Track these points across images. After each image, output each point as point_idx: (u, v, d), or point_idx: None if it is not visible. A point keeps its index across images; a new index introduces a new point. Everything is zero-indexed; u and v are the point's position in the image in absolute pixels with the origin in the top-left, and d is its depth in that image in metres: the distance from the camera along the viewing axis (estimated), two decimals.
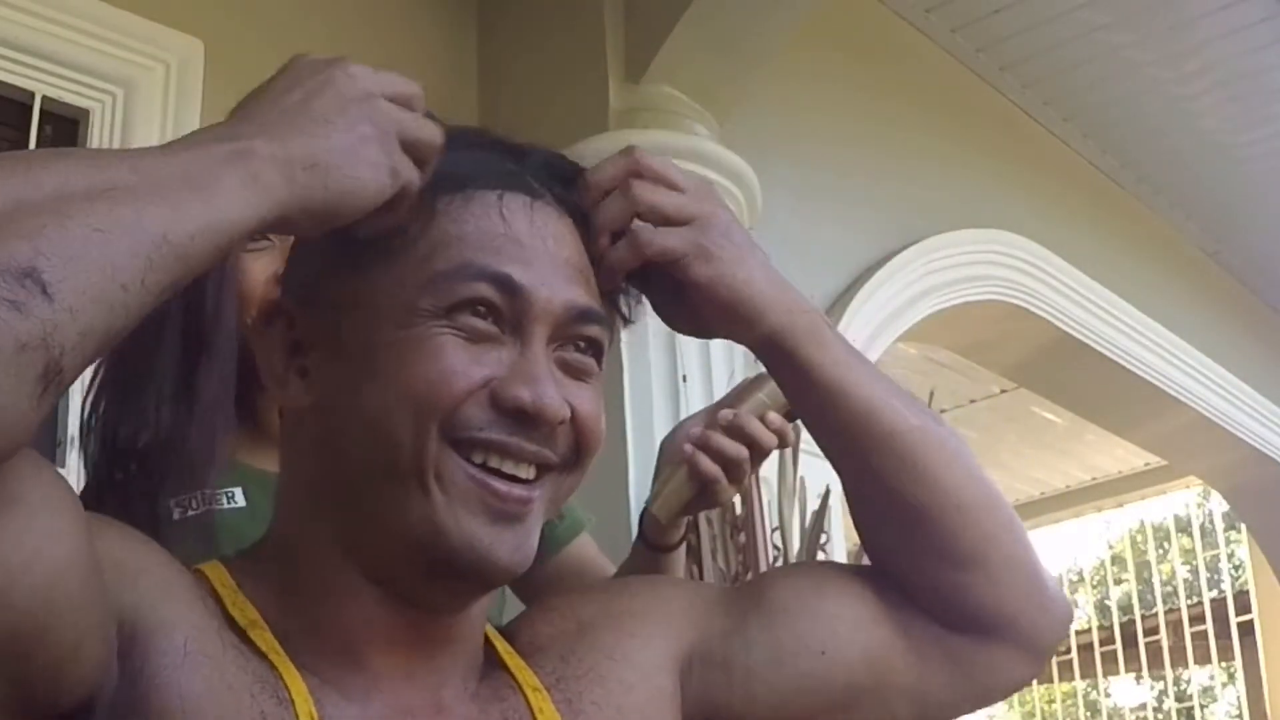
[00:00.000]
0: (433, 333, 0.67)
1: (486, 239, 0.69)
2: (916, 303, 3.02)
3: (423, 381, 0.66)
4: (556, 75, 2.49)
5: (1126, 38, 3.38)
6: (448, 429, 0.66)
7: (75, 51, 1.97)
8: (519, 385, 0.67)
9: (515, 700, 0.72)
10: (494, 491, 0.67)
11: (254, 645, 0.66)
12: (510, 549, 0.68)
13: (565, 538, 1.38)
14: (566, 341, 0.71)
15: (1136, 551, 8.65)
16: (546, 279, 0.69)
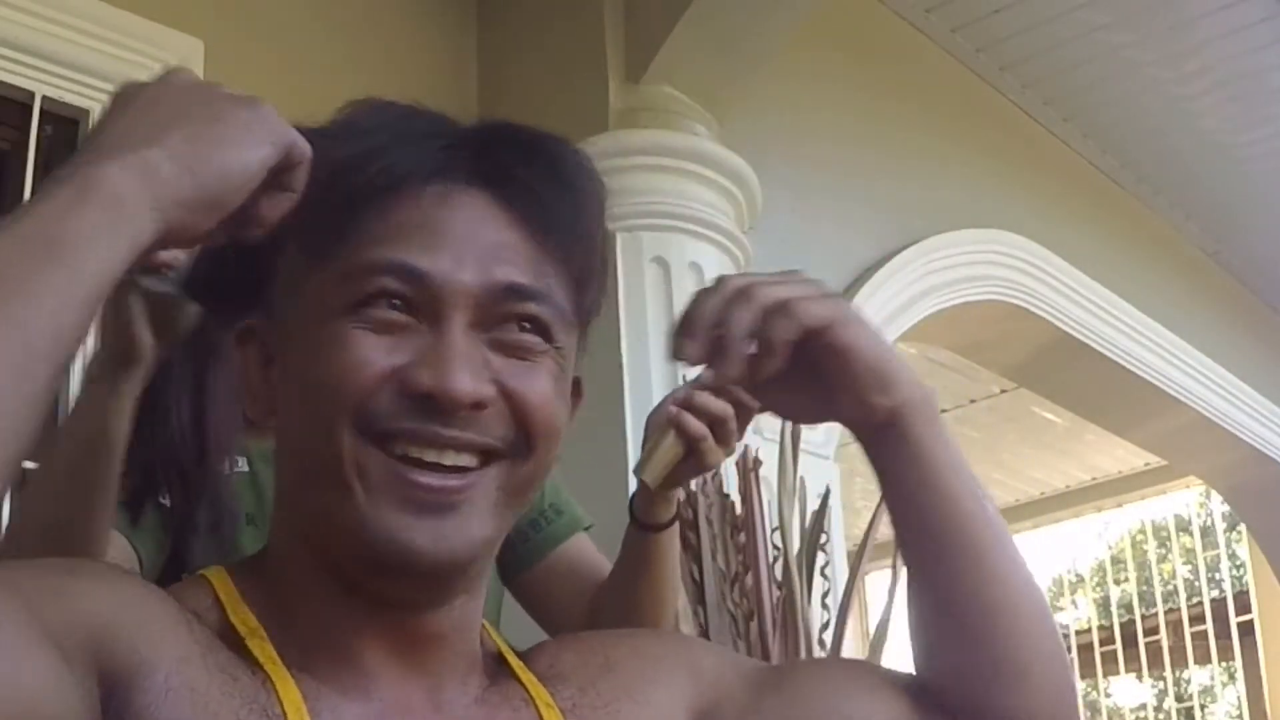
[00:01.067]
0: (343, 327, 0.66)
1: (399, 231, 0.67)
2: (916, 303, 3.02)
3: (331, 376, 0.66)
4: (556, 75, 2.49)
5: (1126, 38, 3.38)
6: (361, 423, 0.65)
7: (75, 51, 1.97)
8: (422, 370, 0.65)
9: (528, 712, 0.71)
10: (411, 482, 0.65)
11: (251, 656, 0.65)
12: (432, 539, 0.65)
13: (560, 536, 1.38)
14: (502, 322, 0.68)
15: (1137, 551, 8.65)
16: (461, 263, 0.67)
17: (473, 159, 0.70)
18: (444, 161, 0.69)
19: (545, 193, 0.70)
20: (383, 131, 0.70)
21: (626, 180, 2.30)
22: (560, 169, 0.72)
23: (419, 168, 0.68)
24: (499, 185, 0.70)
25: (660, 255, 2.29)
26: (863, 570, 2.10)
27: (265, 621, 0.68)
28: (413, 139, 0.69)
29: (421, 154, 0.69)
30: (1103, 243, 3.83)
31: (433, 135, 0.70)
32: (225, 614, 0.68)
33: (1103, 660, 7.55)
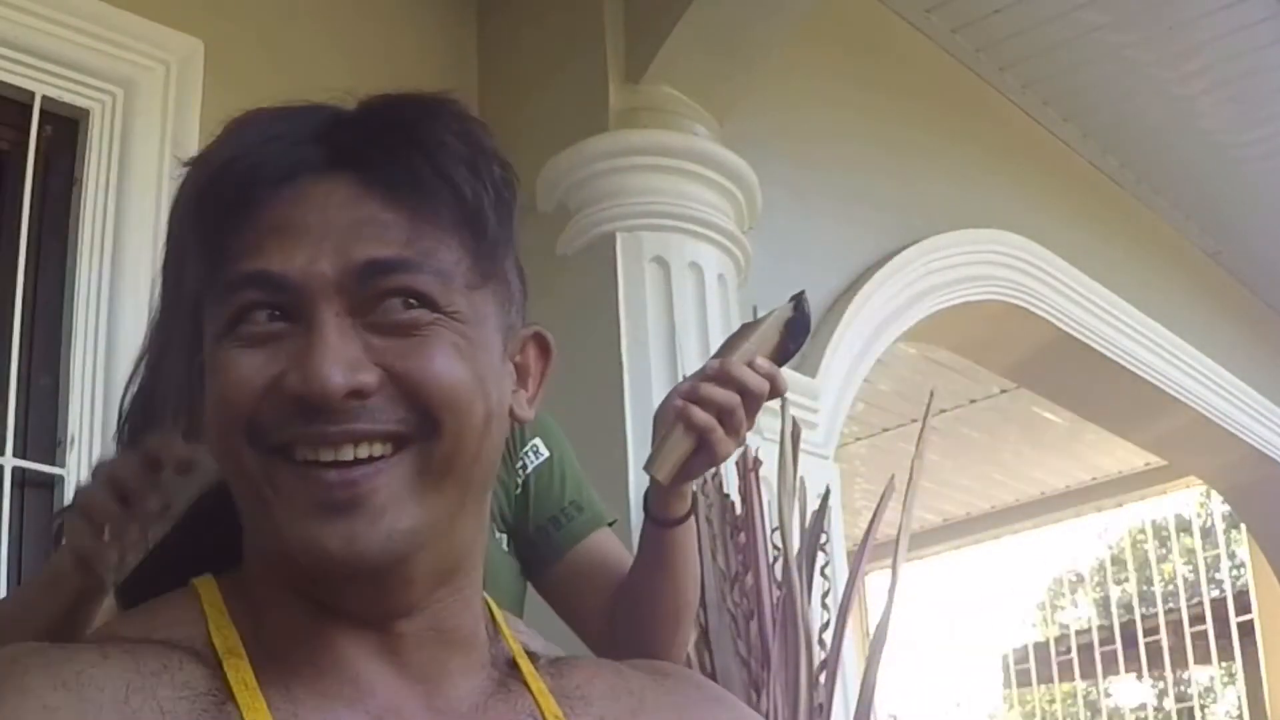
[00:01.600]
0: (223, 350, 0.66)
1: (257, 241, 0.66)
2: (916, 303, 3.02)
3: (220, 400, 0.65)
4: (556, 75, 2.49)
5: (1126, 38, 3.38)
6: (255, 439, 0.65)
7: (75, 51, 1.97)
8: (293, 374, 0.64)
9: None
10: (316, 482, 0.64)
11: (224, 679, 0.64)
12: (343, 540, 0.63)
13: (581, 533, 1.37)
14: (378, 302, 0.65)
15: (1137, 551, 8.65)
16: (319, 253, 0.65)
17: (325, 147, 0.67)
18: (295, 158, 0.67)
19: (402, 158, 0.67)
20: (237, 144, 0.68)
21: (626, 180, 2.31)
22: (417, 130, 0.68)
23: (270, 171, 0.66)
24: (354, 167, 0.67)
25: (660, 255, 2.29)
26: (863, 570, 2.10)
27: (248, 632, 0.67)
28: (263, 143, 0.67)
29: (271, 156, 0.67)
30: (1103, 243, 3.83)
31: (284, 135, 0.68)
32: (207, 628, 0.67)
33: (1103, 660, 7.55)
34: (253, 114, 0.70)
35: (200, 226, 0.68)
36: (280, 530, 0.65)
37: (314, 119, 0.69)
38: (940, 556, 7.01)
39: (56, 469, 1.82)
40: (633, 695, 0.75)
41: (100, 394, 1.86)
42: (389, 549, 0.65)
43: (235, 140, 0.68)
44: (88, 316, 1.89)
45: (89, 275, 1.91)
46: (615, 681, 0.76)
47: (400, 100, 0.70)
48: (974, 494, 6.35)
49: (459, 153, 0.68)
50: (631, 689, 0.75)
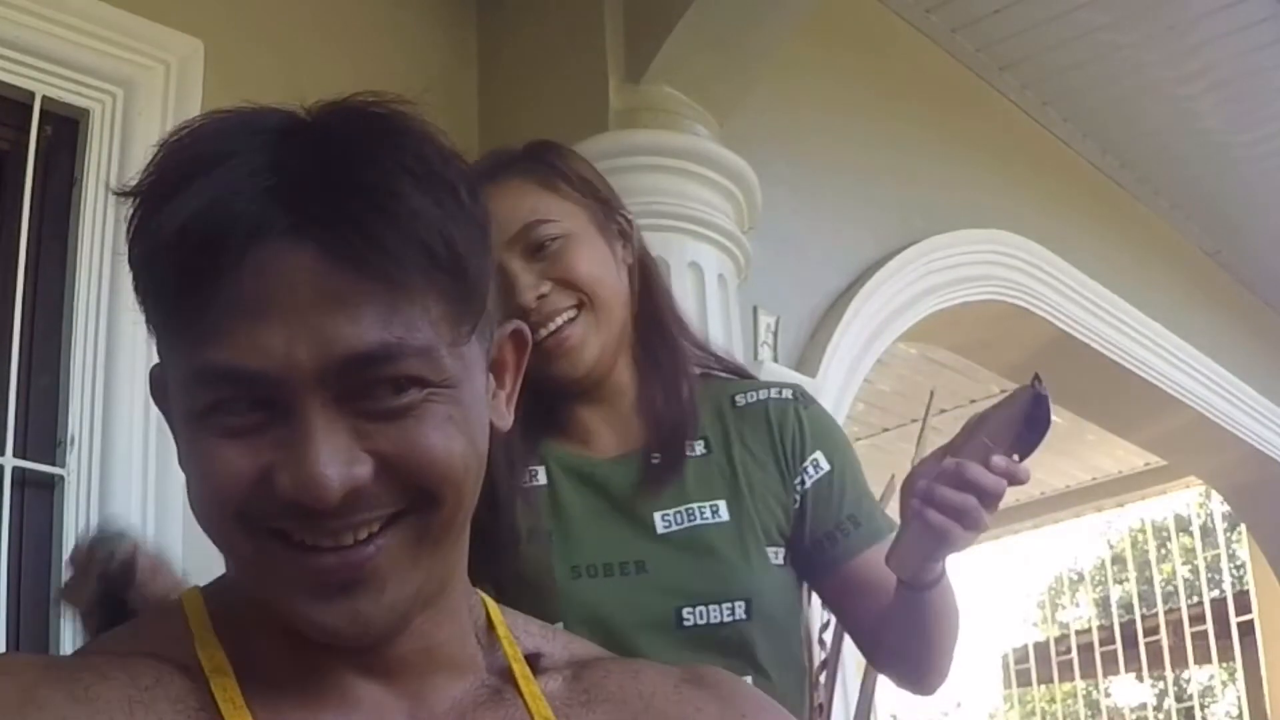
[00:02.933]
0: (201, 435, 0.62)
1: (220, 323, 0.60)
2: (916, 303, 3.02)
3: (206, 486, 0.63)
4: (556, 75, 2.49)
5: (1126, 38, 3.37)
6: (248, 524, 0.63)
7: (75, 51, 1.97)
8: (283, 473, 0.61)
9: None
10: (316, 569, 0.62)
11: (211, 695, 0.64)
12: (349, 620, 0.63)
13: (856, 549, 1.34)
14: (364, 387, 0.62)
15: (1137, 551, 8.65)
16: (294, 342, 0.60)
17: (291, 204, 0.61)
18: (255, 221, 0.60)
19: (375, 223, 0.61)
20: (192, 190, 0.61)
21: (626, 180, 2.30)
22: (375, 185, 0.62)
23: (234, 237, 0.60)
24: (324, 230, 0.60)
25: (660, 255, 2.27)
26: None
27: (233, 649, 0.67)
28: (224, 193, 0.60)
29: (229, 220, 0.60)
30: (1103, 243, 3.83)
31: (245, 180, 0.61)
32: (194, 644, 0.67)
33: (1103, 660, 7.55)
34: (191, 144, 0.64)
35: (158, 297, 0.63)
36: (279, 606, 0.64)
37: (266, 158, 0.62)
38: None
39: (56, 469, 1.82)
40: (642, 698, 0.73)
41: (100, 394, 1.86)
42: (393, 619, 0.65)
43: (185, 192, 0.61)
44: (88, 316, 1.89)
45: (89, 275, 1.91)
46: (627, 684, 0.74)
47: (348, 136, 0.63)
48: None
49: (421, 198, 0.62)
50: (642, 692, 0.74)
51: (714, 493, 1.31)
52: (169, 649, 0.66)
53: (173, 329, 0.63)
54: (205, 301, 0.60)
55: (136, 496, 1.84)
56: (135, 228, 0.63)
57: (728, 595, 1.25)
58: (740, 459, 1.33)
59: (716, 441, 1.34)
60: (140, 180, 0.64)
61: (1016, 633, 10.26)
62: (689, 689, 0.76)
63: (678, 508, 1.29)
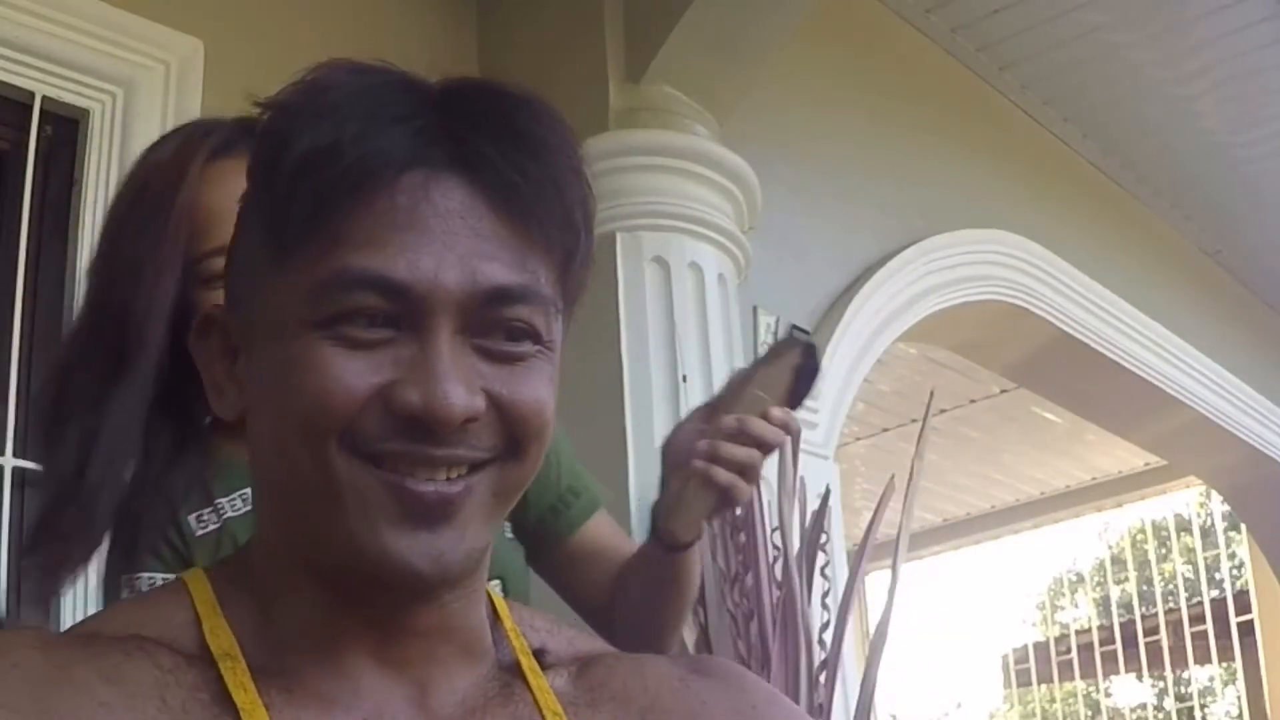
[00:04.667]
0: (314, 345, 0.62)
1: (371, 233, 0.62)
2: (916, 303, 3.02)
3: (310, 400, 0.62)
4: (556, 75, 2.49)
5: (1126, 38, 3.38)
6: (349, 446, 0.62)
7: (75, 51, 1.97)
8: (409, 388, 0.62)
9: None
10: (410, 493, 0.63)
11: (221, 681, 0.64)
12: (430, 558, 0.63)
13: (580, 520, 1.37)
14: (490, 328, 0.64)
15: (1137, 551, 8.65)
16: (443, 266, 0.62)
17: (449, 142, 0.64)
18: (418, 148, 0.63)
19: (528, 177, 0.64)
20: (351, 113, 0.63)
21: (626, 180, 2.30)
22: (541, 148, 0.65)
23: (392, 159, 0.62)
24: (478, 170, 0.64)
25: (660, 255, 2.29)
26: (863, 570, 2.10)
27: (243, 630, 0.66)
28: (384, 122, 0.63)
29: (394, 141, 0.63)
30: (1103, 243, 3.83)
31: (404, 116, 0.64)
32: (200, 628, 0.66)
33: (1103, 660, 7.56)
34: (346, 74, 0.66)
35: (295, 204, 0.63)
36: (356, 534, 0.63)
37: (418, 99, 0.65)
38: (940, 556, 7.01)
39: None
40: (647, 693, 0.73)
41: None
42: (464, 567, 0.65)
43: (344, 110, 0.63)
44: None
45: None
46: (633, 680, 0.74)
47: (503, 95, 0.67)
48: (974, 494, 6.35)
49: (572, 166, 0.66)
50: (648, 687, 0.74)
51: None
52: (175, 633, 0.66)
53: (309, 235, 0.63)
54: (357, 210, 0.62)
55: None
56: (280, 137, 0.64)
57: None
58: None
59: None
60: (286, 96, 0.66)
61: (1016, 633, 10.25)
62: (695, 680, 0.76)
63: None
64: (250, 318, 0.67)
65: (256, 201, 0.67)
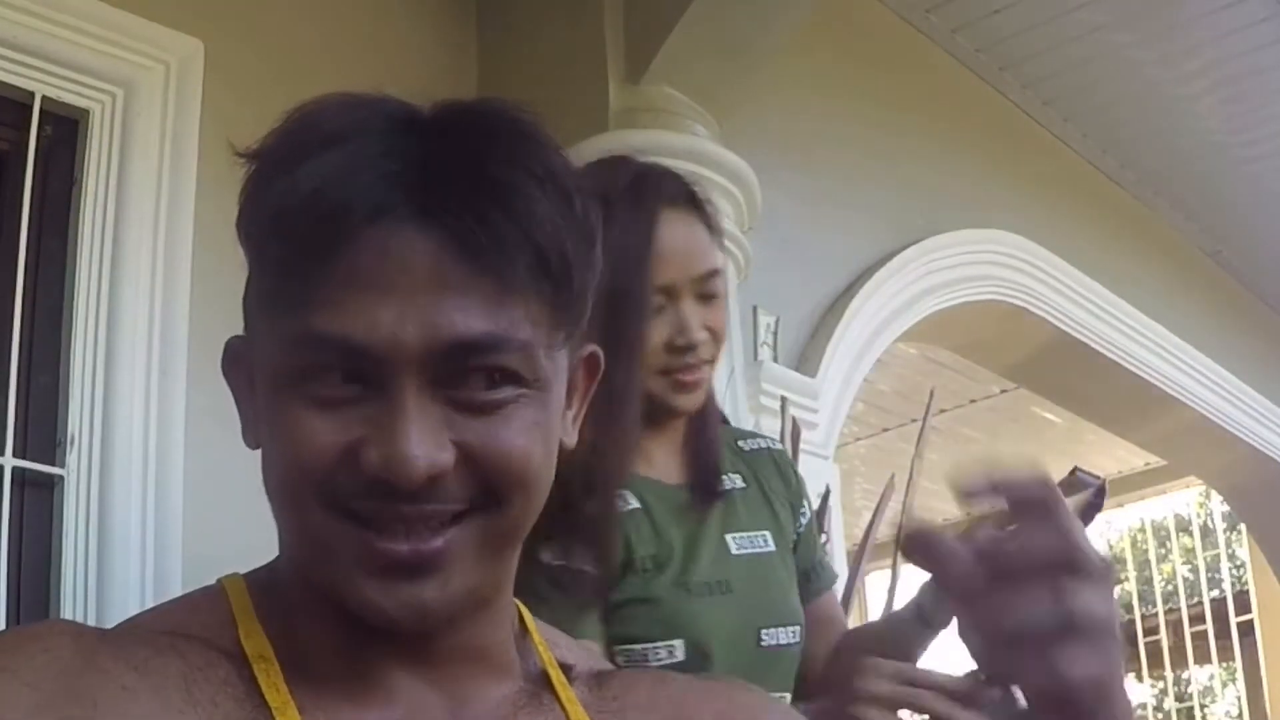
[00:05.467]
0: (291, 406, 0.63)
1: (333, 294, 0.62)
2: (916, 303, 3.02)
3: (289, 455, 0.63)
4: (556, 75, 2.49)
5: (1126, 38, 3.37)
6: (326, 501, 0.63)
7: (75, 51, 1.97)
8: (372, 448, 0.62)
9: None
10: (383, 551, 0.63)
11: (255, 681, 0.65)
12: (410, 608, 0.63)
13: (823, 588, 1.47)
14: (463, 376, 0.63)
15: (1136, 551, 8.65)
16: (403, 322, 0.61)
17: (418, 190, 0.63)
18: (385, 199, 0.62)
19: (492, 225, 0.62)
20: (318, 166, 0.62)
21: None
22: (510, 193, 0.63)
23: (356, 214, 0.61)
24: (444, 219, 0.62)
25: None
26: (863, 570, 2.10)
27: (277, 636, 0.67)
28: (352, 172, 0.62)
29: (360, 194, 0.62)
30: (1103, 243, 3.83)
31: (373, 164, 0.63)
32: (237, 630, 0.67)
33: None
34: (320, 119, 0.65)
35: (270, 260, 0.64)
36: (339, 586, 0.64)
37: (392, 143, 0.64)
38: None
39: (56, 469, 1.81)
40: (671, 702, 0.74)
41: (100, 394, 1.86)
42: (448, 611, 0.65)
43: (314, 161, 0.62)
44: (88, 316, 1.89)
45: (89, 275, 1.91)
46: (654, 691, 0.75)
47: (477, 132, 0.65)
48: None
49: (544, 204, 0.64)
50: (671, 695, 0.75)
51: (761, 523, 1.40)
52: (211, 633, 0.67)
53: (279, 293, 0.64)
54: (319, 270, 0.62)
55: (136, 496, 1.84)
56: (256, 190, 0.65)
57: (794, 619, 1.35)
58: (770, 495, 1.43)
59: (748, 477, 1.43)
60: (265, 145, 0.66)
61: None
62: (719, 688, 0.78)
63: (744, 533, 1.37)
64: (256, 358, 0.68)
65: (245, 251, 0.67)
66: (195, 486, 1.89)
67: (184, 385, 1.92)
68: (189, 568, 1.84)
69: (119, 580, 1.78)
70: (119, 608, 1.74)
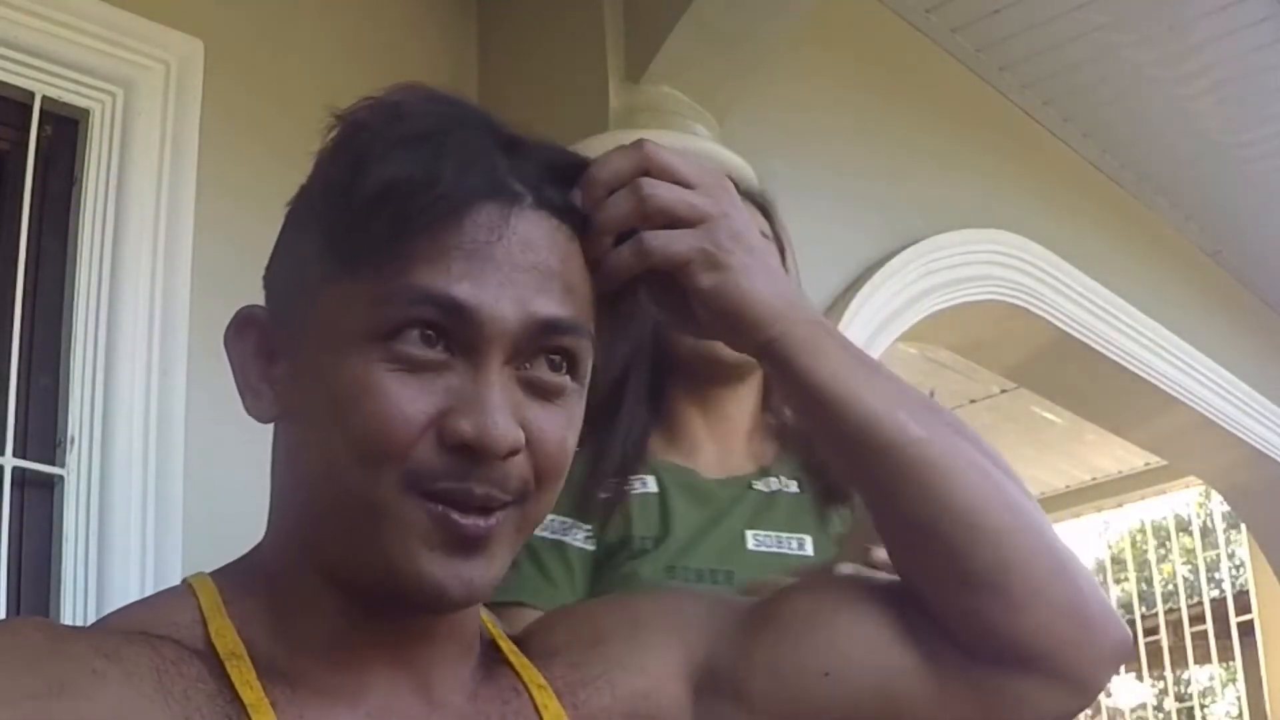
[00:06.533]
0: (372, 367, 0.64)
1: (438, 253, 0.64)
2: (916, 303, 3.02)
3: (367, 426, 0.64)
4: (556, 75, 2.49)
5: (1126, 38, 3.37)
6: (402, 478, 0.64)
7: (75, 51, 1.97)
8: (461, 418, 0.64)
9: (520, 702, 0.72)
10: (455, 525, 0.65)
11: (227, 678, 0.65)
12: (462, 582, 0.66)
13: None
14: (534, 355, 0.67)
15: (1136, 551, 8.65)
16: (504, 292, 0.65)
17: (524, 181, 0.68)
18: (495, 185, 0.67)
19: (584, 219, 0.69)
20: (440, 147, 0.66)
21: None
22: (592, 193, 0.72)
23: (474, 194, 0.66)
24: (545, 208, 0.68)
25: None
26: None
27: (249, 630, 0.67)
28: (471, 159, 0.66)
29: (481, 178, 0.66)
30: (1103, 243, 3.83)
31: (489, 153, 0.68)
32: (207, 629, 0.67)
33: None
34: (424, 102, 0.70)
35: (371, 220, 0.65)
36: (392, 557, 0.65)
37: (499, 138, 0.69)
38: None
39: (56, 469, 1.81)
40: (585, 627, 0.78)
41: (100, 394, 1.86)
42: (489, 587, 0.68)
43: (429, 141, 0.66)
44: (88, 316, 1.89)
45: (89, 275, 1.91)
46: (569, 624, 0.79)
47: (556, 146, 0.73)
48: None
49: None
50: (583, 622, 0.79)
51: (802, 527, 1.38)
52: (181, 633, 0.67)
53: (378, 255, 0.64)
54: (431, 238, 0.64)
55: (136, 496, 1.84)
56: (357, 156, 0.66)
57: None
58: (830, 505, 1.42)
59: (807, 484, 1.42)
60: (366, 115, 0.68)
61: None
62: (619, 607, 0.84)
63: (769, 532, 1.36)
64: (299, 325, 0.68)
65: (320, 213, 0.68)
66: (195, 487, 1.89)
67: (184, 385, 1.92)
68: (189, 568, 1.84)
69: (119, 580, 1.78)
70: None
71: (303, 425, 0.68)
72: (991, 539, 0.73)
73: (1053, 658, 0.73)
